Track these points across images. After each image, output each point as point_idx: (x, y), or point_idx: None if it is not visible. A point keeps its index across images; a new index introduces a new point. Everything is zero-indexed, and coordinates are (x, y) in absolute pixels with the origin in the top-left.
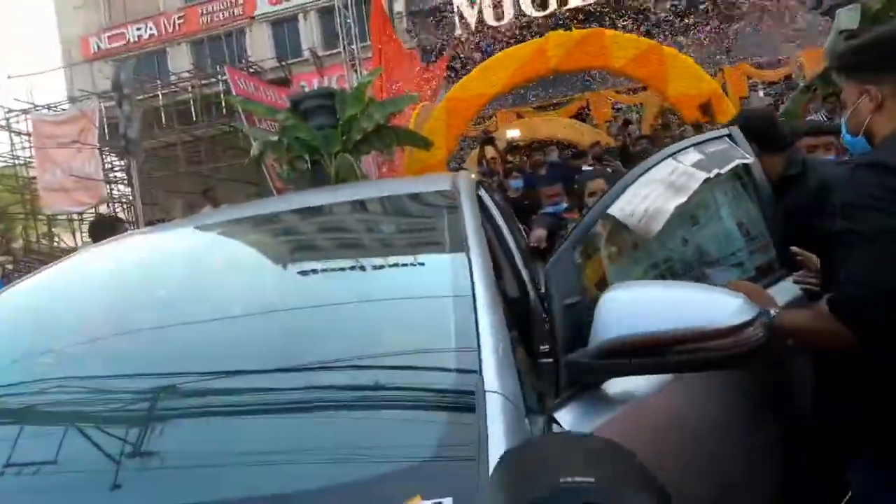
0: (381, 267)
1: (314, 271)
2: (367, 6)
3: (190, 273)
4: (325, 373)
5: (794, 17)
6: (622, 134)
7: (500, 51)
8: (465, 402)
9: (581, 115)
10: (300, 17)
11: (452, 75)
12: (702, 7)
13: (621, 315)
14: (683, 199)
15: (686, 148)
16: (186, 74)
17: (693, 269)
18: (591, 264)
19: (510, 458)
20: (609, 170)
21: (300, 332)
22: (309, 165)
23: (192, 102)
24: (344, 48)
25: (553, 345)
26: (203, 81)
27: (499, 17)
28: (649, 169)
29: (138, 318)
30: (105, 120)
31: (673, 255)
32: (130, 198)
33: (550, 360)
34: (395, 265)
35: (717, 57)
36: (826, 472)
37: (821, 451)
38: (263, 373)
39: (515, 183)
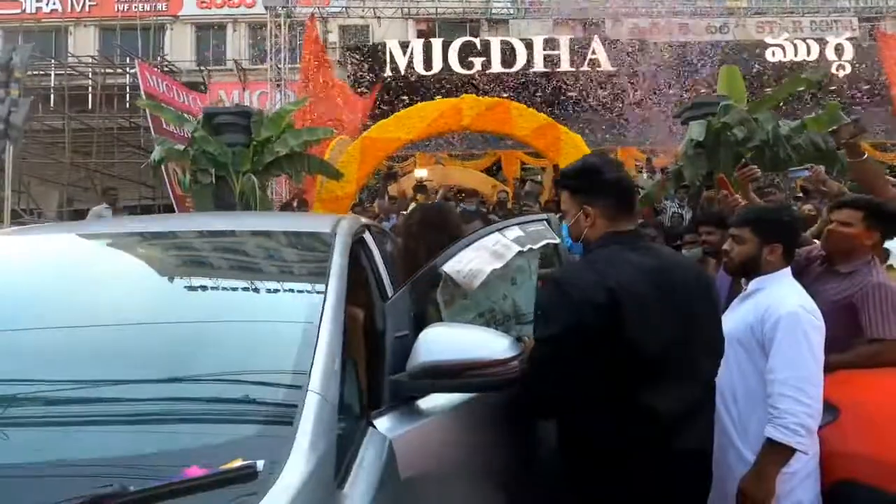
0: (253, 290)
1: (182, 289)
2: (301, 29)
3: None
4: (176, 362)
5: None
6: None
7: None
8: (291, 397)
9: (493, 170)
10: (230, 26)
11: (378, 114)
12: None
13: (431, 347)
14: (500, 265)
15: (511, 225)
16: (89, 60)
17: (509, 320)
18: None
19: None
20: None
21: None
22: (213, 180)
23: (90, 90)
24: (271, 66)
25: (383, 367)
26: (108, 70)
27: (427, 68)
28: (480, 238)
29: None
30: None
31: (496, 306)
32: None
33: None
34: (264, 291)
35: (617, 135)
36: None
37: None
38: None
39: None
